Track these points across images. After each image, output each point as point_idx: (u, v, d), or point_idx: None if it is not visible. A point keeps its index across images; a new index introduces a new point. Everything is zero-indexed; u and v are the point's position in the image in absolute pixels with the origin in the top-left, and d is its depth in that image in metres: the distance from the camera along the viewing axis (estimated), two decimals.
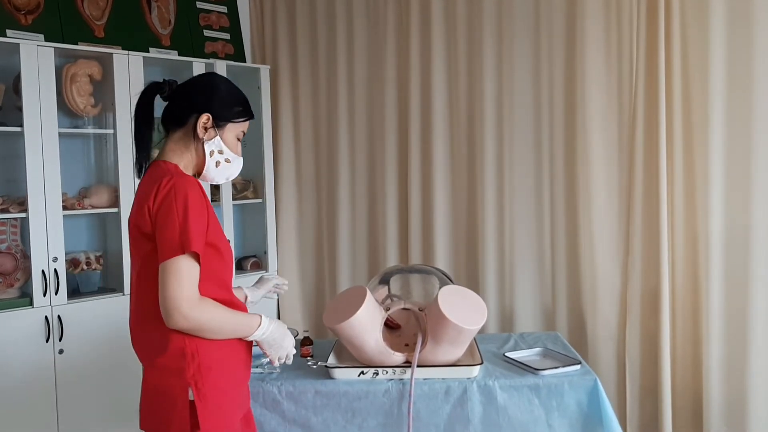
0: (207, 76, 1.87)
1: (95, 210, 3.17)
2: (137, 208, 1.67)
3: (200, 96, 1.76)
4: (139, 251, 1.68)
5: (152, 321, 1.64)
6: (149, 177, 1.71)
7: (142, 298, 1.69)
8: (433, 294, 2.29)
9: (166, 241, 1.58)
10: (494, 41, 3.34)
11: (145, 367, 1.73)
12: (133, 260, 1.73)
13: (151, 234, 1.62)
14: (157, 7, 3.57)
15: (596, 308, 3.12)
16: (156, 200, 1.61)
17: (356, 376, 2.15)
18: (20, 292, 2.99)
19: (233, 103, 1.79)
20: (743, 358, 2.70)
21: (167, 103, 1.79)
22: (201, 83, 1.81)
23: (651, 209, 2.92)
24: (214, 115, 1.74)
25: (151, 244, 1.63)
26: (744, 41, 2.67)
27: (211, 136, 1.75)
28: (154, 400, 1.68)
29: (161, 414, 1.65)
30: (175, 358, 1.63)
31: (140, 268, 1.68)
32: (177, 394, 1.62)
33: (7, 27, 3.01)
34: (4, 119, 2.96)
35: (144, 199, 1.64)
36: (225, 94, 1.79)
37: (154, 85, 1.77)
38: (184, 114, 1.75)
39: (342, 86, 3.80)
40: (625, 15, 3.06)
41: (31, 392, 2.88)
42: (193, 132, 1.74)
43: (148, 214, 1.61)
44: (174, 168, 1.71)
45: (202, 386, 1.62)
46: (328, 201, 3.93)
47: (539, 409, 2.11)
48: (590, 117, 3.09)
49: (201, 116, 1.73)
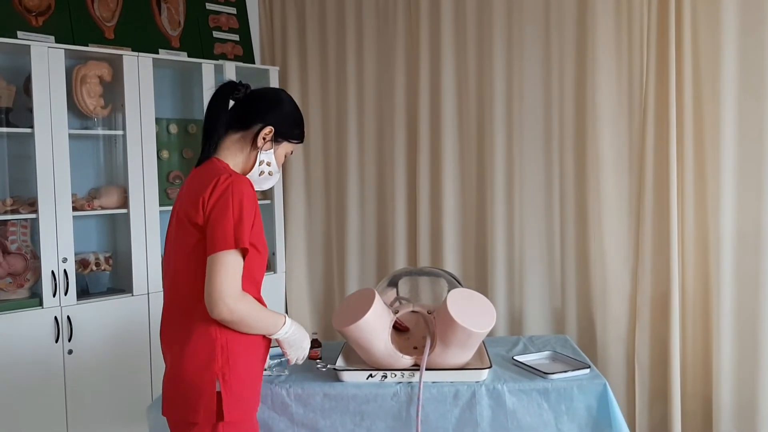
0: (279, 92, 1.96)
1: (105, 211, 3.18)
2: (190, 199, 1.73)
3: (270, 109, 1.87)
4: (183, 240, 1.74)
5: (187, 311, 1.72)
6: (205, 171, 1.79)
7: (179, 288, 1.76)
8: (441, 297, 2.29)
9: (219, 234, 1.66)
10: (504, 43, 3.33)
11: (172, 356, 1.76)
12: (174, 250, 1.78)
13: (200, 226, 1.70)
14: (167, 8, 3.58)
15: (606, 312, 3.10)
16: (213, 194, 1.68)
17: (365, 379, 2.15)
18: (30, 293, 3.01)
19: (295, 124, 1.93)
20: (753, 362, 2.69)
21: (235, 104, 1.88)
22: (273, 97, 1.92)
23: (661, 212, 2.90)
24: (277, 131, 1.87)
25: (198, 235, 1.71)
26: (755, 45, 2.66)
27: (268, 148, 1.87)
28: (179, 388, 1.73)
29: (188, 403, 1.70)
30: (206, 349, 1.70)
31: (181, 258, 1.75)
32: (205, 385, 1.69)
33: (18, 28, 3.03)
34: (14, 120, 2.97)
35: (199, 192, 1.71)
36: (291, 114, 1.92)
37: (230, 84, 1.86)
38: (251, 120, 1.85)
39: (351, 88, 3.80)
40: (636, 19, 3.05)
41: (41, 392, 2.89)
42: (253, 139, 1.85)
43: (202, 206, 1.69)
44: (228, 167, 1.81)
45: (229, 378, 1.70)
46: (336, 203, 3.93)
47: (548, 413, 2.10)
48: (600, 120, 3.08)
49: (265, 127, 1.85)
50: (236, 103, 1.88)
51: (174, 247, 1.79)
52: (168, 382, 1.78)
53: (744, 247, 2.73)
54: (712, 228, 2.78)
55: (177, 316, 1.77)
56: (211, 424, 1.69)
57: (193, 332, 1.71)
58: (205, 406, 1.68)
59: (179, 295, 1.76)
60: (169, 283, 1.81)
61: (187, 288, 1.72)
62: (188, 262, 1.73)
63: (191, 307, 1.71)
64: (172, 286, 1.79)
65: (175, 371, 1.74)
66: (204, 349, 1.70)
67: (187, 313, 1.73)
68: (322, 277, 4.02)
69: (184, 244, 1.74)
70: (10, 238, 2.99)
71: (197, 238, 1.71)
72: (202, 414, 1.68)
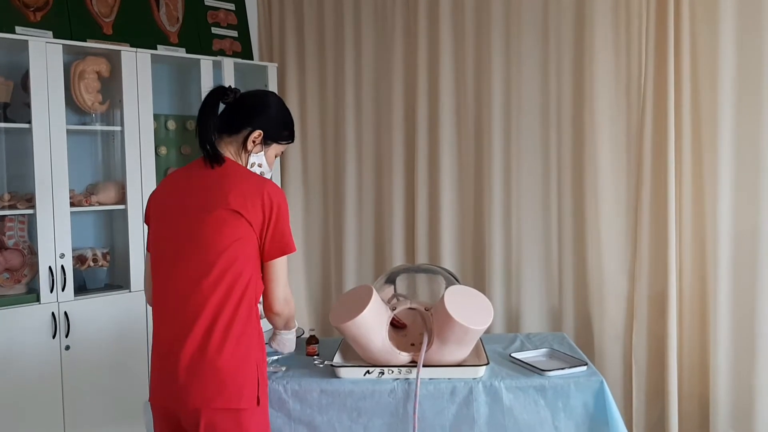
0: (267, 95, 2.05)
1: (102, 207, 3.18)
2: (243, 197, 1.80)
3: (258, 113, 1.96)
4: (229, 236, 1.79)
5: (227, 302, 1.78)
6: (247, 174, 1.88)
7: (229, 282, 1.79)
8: (439, 294, 2.29)
9: (282, 241, 1.84)
10: (502, 41, 3.33)
11: (210, 346, 1.76)
12: (203, 241, 1.79)
13: (254, 225, 1.80)
14: (165, 4, 3.58)
15: (603, 310, 3.10)
16: (275, 201, 1.84)
17: (362, 376, 2.15)
18: (27, 288, 3.01)
19: (284, 126, 2.03)
20: (750, 361, 2.69)
21: (226, 108, 1.95)
22: (261, 101, 2.00)
23: (658, 211, 2.90)
24: (266, 134, 1.96)
25: (249, 232, 1.80)
26: (754, 44, 2.66)
27: (257, 150, 1.97)
28: (220, 376, 1.76)
29: (232, 390, 1.77)
30: (248, 340, 1.81)
31: (229, 254, 1.78)
32: (249, 372, 1.80)
33: (16, 24, 3.02)
34: (12, 116, 2.97)
35: (254, 194, 1.82)
36: (279, 117, 2.01)
37: (220, 89, 1.93)
38: (240, 124, 1.94)
39: (349, 85, 3.80)
40: (634, 18, 3.05)
41: (38, 388, 2.89)
42: (243, 142, 1.94)
43: (263, 208, 1.81)
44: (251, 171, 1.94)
45: (261, 365, 1.85)
46: (334, 200, 3.93)
47: (545, 410, 2.10)
48: (598, 119, 3.08)
49: (254, 131, 1.94)
50: (226, 107, 1.95)
51: (211, 240, 1.78)
52: (206, 373, 1.76)
53: (741, 246, 2.73)
54: (710, 227, 2.78)
55: (211, 306, 1.77)
56: (251, 409, 1.80)
57: (236, 323, 1.79)
58: (248, 393, 1.79)
59: (219, 286, 1.78)
60: (198, 274, 1.79)
61: (232, 280, 1.78)
62: (235, 256, 1.79)
63: (236, 299, 1.79)
64: (204, 276, 1.78)
65: (216, 361, 1.75)
66: (246, 339, 1.80)
67: (228, 303, 1.78)
68: (320, 274, 4.02)
69: (231, 239, 1.79)
70: (7, 233, 2.98)
71: (247, 234, 1.80)
72: (245, 400, 1.78)
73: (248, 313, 1.82)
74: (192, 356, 1.76)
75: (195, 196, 1.84)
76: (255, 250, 1.83)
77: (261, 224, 1.82)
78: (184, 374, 1.77)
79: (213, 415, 1.76)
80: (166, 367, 1.82)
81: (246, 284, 1.81)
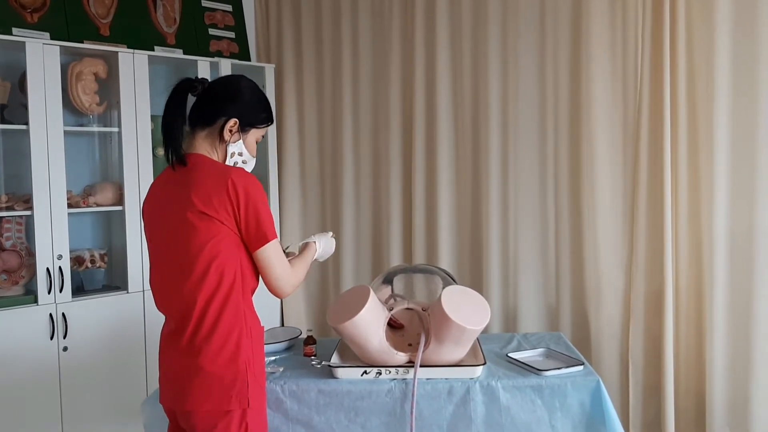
0: (237, 80, 1.94)
1: (100, 208, 3.18)
2: (207, 195, 1.74)
3: (230, 101, 1.86)
4: (203, 238, 1.74)
5: (213, 304, 1.76)
6: (210, 169, 1.79)
7: (199, 281, 1.75)
8: (436, 294, 2.29)
9: (259, 230, 1.77)
10: (499, 40, 3.34)
11: (195, 349, 1.76)
12: (185, 247, 1.76)
13: (225, 221, 1.74)
14: (163, 5, 3.58)
15: (600, 309, 3.11)
16: (240, 188, 1.74)
17: (359, 376, 2.16)
18: (25, 290, 3.01)
19: (259, 110, 1.92)
20: (746, 359, 2.70)
21: (196, 101, 1.88)
22: (232, 88, 1.89)
23: (655, 210, 2.91)
24: (242, 121, 1.86)
25: (222, 229, 1.75)
26: (749, 45, 2.67)
27: (236, 139, 1.87)
28: (210, 378, 1.75)
29: (221, 392, 1.75)
30: (235, 340, 1.77)
31: (205, 255, 1.74)
32: (238, 374, 1.76)
33: (13, 25, 3.02)
34: (9, 117, 2.97)
35: (219, 188, 1.74)
36: (253, 101, 1.91)
37: (186, 82, 1.86)
38: (213, 116, 1.85)
39: (347, 85, 3.80)
40: (631, 17, 3.06)
41: (36, 389, 2.89)
42: (219, 133, 1.86)
43: (229, 202, 1.74)
44: (218, 163, 1.85)
45: (253, 367, 1.80)
46: (332, 200, 3.94)
47: (542, 409, 2.11)
48: (595, 117, 3.09)
49: (229, 120, 1.85)
50: (197, 100, 1.88)
51: (186, 244, 1.76)
52: (193, 375, 1.76)
53: (737, 244, 2.74)
54: (706, 226, 2.79)
55: (196, 309, 1.76)
56: (242, 411, 1.77)
57: (221, 324, 1.76)
58: (237, 394, 1.76)
59: (200, 289, 1.75)
60: (180, 279, 1.78)
61: (213, 281, 1.75)
62: (217, 253, 1.75)
63: (219, 300, 1.76)
64: (185, 281, 1.76)
65: (202, 363, 1.75)
66: (234, 340, 1.77)
67: (212, 305, 1.75)
68: (317, 273, 4.02)
69: (207, 238, 1.74)
70: (5, 234, 2.98)
71: (223, 230, 1.75)
72: (234, 402, 1.75)
73: (235, 312, 1.78)
74: (182, 359, 1.78)
75: (168, 201, 1.82)
76: (236, 245, 1.78)
77: (233, 218, 1.75)
78: (177, 376, 1.79)
79: (205, 417, 1.76)
80: (165, 368, 1.86)
81: (231, 283, 1.77)
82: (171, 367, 1.82)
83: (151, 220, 1.89)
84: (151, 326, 3.20)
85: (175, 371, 1.80)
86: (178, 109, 1.84)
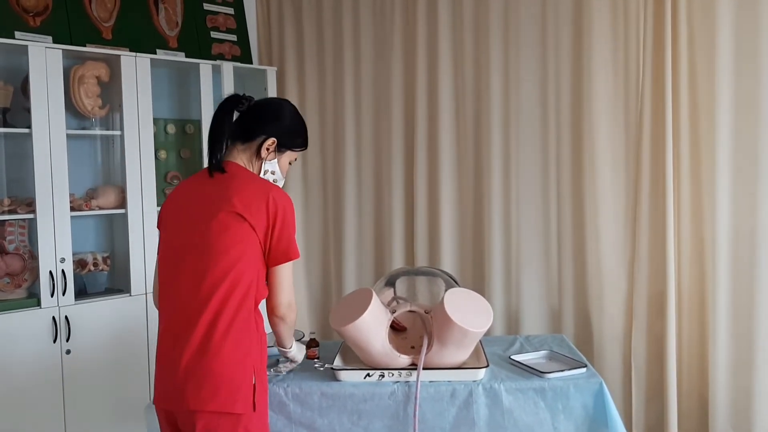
0: (281, 103, 2.06)
1: (102, 211, 3.18)
2: (247, 199, 1.81)
3: (272, 121, 1.97)
4: (231, 239, 1.80)
5: (228, 305, 1.79)
6: (252, 178, 1.89)
7: (229, 285, 1.79)
8: (439, 296, 2.29)
9: (288, 247, 1.84)
10: (501, 41, 3.34)
11: (205, 349, 1.77)
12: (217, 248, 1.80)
13: (257, 229, 1.80)
14: (165, 8, 3.59)
15: (602, 311, 3.11)
16: (279, 205, 1.83)
17: (362, 379, 2.16)
18: (28, 293, 3.01)
19: (297, 134, 2.04)
20: (749, 360, 2.70)
21: (240, 116, 1.98)
22: (275, 109, 2.01)
23: (657, 211, 2.91)
24: (279, 142, 1.97)
25: (252, 235, 1.81)
26: (751, 43, 2.67)
27: (271, 158, 1.98)
28: (217, 380, 1.76)
29: (226, 394, 1.77)
30: (247, 343, 1.80)
31: (230, 257, 1.79)
32: (246, 377, 1.79)
33: (15, 29, 3.03)
34: (12, 120, 2.98)
35: (260, 198, 1.82)
36: (293, 124, 2.03)
37: (234, 98, 1.96)
38: (254, 132, 1.95)
39: (348, 88, 3.81)
40: (632, 16, 3.06)
41: (39, 392, 2.90)
42: (257, 150, 1.95)
43: (267, 213, 1.81)
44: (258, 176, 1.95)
45: (260, 371, 1.84)
46: (334, 202, 3.94)
47: (545, 411, 2.11)
48: (597, 118, 3.09)
49: (268, 139, 1.95)
50: (240, 115, 1.97)
51: (214, 242, 1.79)
52: (201, 375, 1.77)
53: (740, 245, 2.74)
54: (708, 226, 2.79)
55: (209, 309, 1.78)
56: (248, 414, 1.79)
57: (234, 326, 1.79)
58: (243, 397, 1.78)
59: (218, 288, 1.78)
60: (198, 277, 1.80)
61: (233, 282, 1.78)
62: (233, 257, 1.79)
63: (236, 302, 1.79)
64: (203, 279, 1.79)
65: (212, 364, 1.76)
66: (245, 343, 1.80)
67: (227, 307, 1.78)
68: (320, 277, 4.02)
69: (231, 239, 1.79)
70: (7, 238, 2.99)
71: (250, 236, 1.80)
72: (239, 405, 1.77)
73: (248, 317, 1.82)
74: (190, 358, 1.77)
75: (201, 202, 1.86)
76: (258, 254, 1.83)
77: (265, 229, 1.82)
78: (182, 376, 1.78)
79: (208, 418, 1.77)
80: (166, 369, 1.83)
81: (247, 288, 1.81)
82: (174, 367, 1.80)
83: (175, 216, 1.90)
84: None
85: (179, 370, 1.78)
86: (225, 121, 1.94)
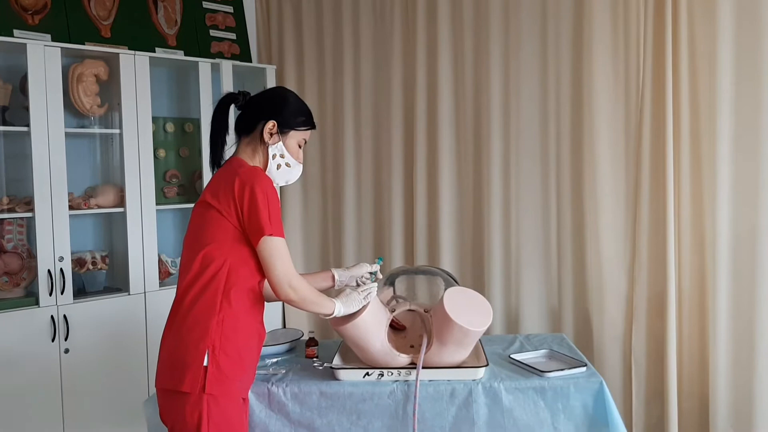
0: (277, 88, 2.12)
1: (101, 210, 3.18)
2: (216, 188, 1.87)
3: (268, 105, 1.99)
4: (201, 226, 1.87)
5: (198, 286, 1.84)
6: (229, 167, 1.92)
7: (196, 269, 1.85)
8: (438, 295, 2.29)
9: (257, 224, 1.81)
10: (501, 39, 3.33)
11: (171, 326, 1.88)
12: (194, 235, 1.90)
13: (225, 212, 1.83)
14: (164, 7, 3.58)
15: (602, 310, 3.10)
16: (246, 185, 1.81)
17: (361, 378, 2.15)
18: (26, 292, 3.00)
19: (297, 113, 2.01)
20: (750, 360, 2.69)
21: (240, 113, 2.02)
22: (270, 95, 2.04)
23: (657, 211, 2.91)
24: (279, 123, 1.96)
25: (220, 220, 1.84)
26: (752, 44, 2.66)
27: (275, 141, 1.97)
28: (173, 357, 1.84)
29: (176, 372, 1.81)
30: (204, 324, 1.82)
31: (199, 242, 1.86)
32: (196, 357, 1.79)
33: (14, 27, 3.02)
34: (11, 119, 2.97)
35: (227, 181, 1.85)
36: (290, 104, 2.01)
37: (230, 95, 2.00)
38: (253, 122, 1.97)
39: (348, 86, 3.80)
40: (633, 15, 3.05)
41: (37, 391, 2.89)
42: (260, 137, 1.96)
43: (232, 195, 1.82)
44: (245, 162, 1.94)
45: (218, 354, 1.81)
46: (333, 201, 3.93)
47: (545, 411, 2.10)
48: (597, 117, 3.08)
49: (267, 123, 1.95)
50: (240, 112, 2.01)
51: (195, 232, 1.90)
52: (161, 356, 1.89)
53: (740, 245, 2.73)
54: (709, 227, 2.79)
55: (178, 292, 1.89)
56: (196, 395, 1.79)
57: (196, 308, 1.83)
58: (191, 377, 1.79)
59: (187, 272, 1.87)
60: (181, 269, 1.92)
61: (197, 268, 1.84)
62: (202, 242, 1.86)
63: (199, 287, 1.83)
64: (183, 266, 1.90)
65: (168, 343, 1.87)
66: (202, 325, 1.81)
67: (191, 290, 1.84)
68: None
69: (201, 226, 1.87)
70: (6, 236, 2.98)
71: (219, 221, 1.84)
72: (187, 383, 1.79)
73: (212, 300, 1.83)
74: (161, 341, 1.90)
75: (203, 197, 1.95)
76: (231, 239, 1.85)
77: (235, 211, 1.83)
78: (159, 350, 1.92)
79: (163, 396, 1.86)
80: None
81: (214, 273, 1.83)
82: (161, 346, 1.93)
83: None
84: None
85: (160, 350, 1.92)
86: (222, 120, 1.98)
